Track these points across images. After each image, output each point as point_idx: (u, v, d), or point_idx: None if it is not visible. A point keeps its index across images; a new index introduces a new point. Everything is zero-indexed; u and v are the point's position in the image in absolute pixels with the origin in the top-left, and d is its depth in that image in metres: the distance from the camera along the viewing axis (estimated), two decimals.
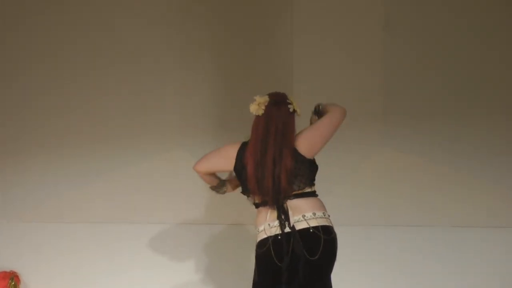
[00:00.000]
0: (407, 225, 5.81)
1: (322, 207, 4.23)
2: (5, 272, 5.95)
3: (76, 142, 5.99)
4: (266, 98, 4.25)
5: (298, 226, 4.13)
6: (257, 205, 4.24)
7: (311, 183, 4.24)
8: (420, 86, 5.83)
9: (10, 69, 6.06)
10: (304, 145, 4.21)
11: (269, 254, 4.12)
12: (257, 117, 4.24)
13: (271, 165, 4.14)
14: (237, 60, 5.93)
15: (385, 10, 5.83)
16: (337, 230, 4.21)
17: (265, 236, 4.15)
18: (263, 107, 4.22)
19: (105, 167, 5.97)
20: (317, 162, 4.31)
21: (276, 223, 4.14)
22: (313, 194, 4.24)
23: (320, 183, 4.30)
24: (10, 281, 5.92)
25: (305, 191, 4.21)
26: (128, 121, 5.98)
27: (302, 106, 4.31)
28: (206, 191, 5.73)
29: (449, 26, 5.81)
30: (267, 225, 4.16)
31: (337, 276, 4.26)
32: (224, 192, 4.52)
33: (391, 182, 5.81)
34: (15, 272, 5.97)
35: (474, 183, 5.77)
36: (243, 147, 4.26)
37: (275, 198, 4.14)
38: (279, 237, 4.11)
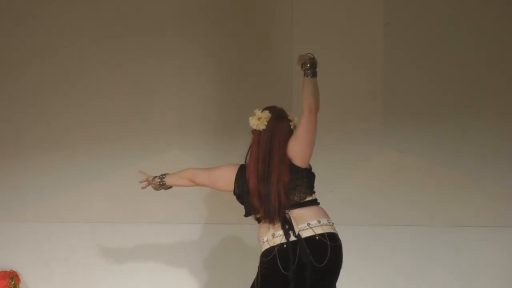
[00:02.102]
0: (407, 225, 5.81)
1: (326, 214, 4.20)
2: (5, 272, 5.95)
3: (75, 142, 6.00)
4: (268, 113, 4.20)
5: (304, 234, 4.09)
6: (259, 220, 4.20)
7: (311, 192, 4.20)
8: (420, 86, 5.83)
9: (10, 69, 6.06)
10: (296, 158, 4.16)
11: (275, 262, 4.08)
12: (258, 131, 4.19)
13: (276, 182, 4.12)
14: (237, 60, 5.93)
15: (385, 10, 5.83)
16: (337, 229, 4.20)
17: (268, 246, 4.12)
18: (265, 122, 4.17)
19: (104, 167, 5.97)
20: (318, 161, 4.30)
21: (281, 232, 4.10)
22: (314, 202, 4.20)
23: (320, 183, 4.29)
24: (10, 281, 5.92)
25: (306, 200, 4.17)
26: (128, 121, 5.98)
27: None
28: (206, 191, 5.76)
29: (449, 26, 5.82)
30: (271, 235, 4.13)
31: None
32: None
33: (391, 182, 5.81)
34: (14, 272, 5.97)
35: (474, 183, 5.78)
36: (242, 169, 4.23)
37: (279, 213, 4.12)
38: (285, 246, 4.08)
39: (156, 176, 4.56)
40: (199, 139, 5.92)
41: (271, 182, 4.11)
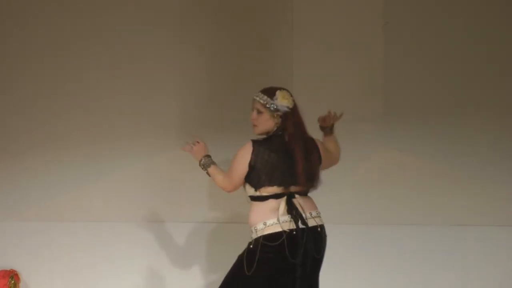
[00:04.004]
0: (407, 225, 5.81)
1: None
2: (5, 271, 5.95)
3: (76, 141, 6.00)
4: (284, 91, 4.27)
5: (309, 224, 4.16)
6: (265, 198, 4.19)
7: None
8: (420, 85, 5.83)
9: (10, 70, 6.06)
10: (325, 157, 4.36)
11: (283, 249, 4.08)
12: (289, 109, 4.23)
13: (317, 159, 4.27)
14: (237, 61, 5.93)
15: (385, 9, 5.83)
16: (337, 228, 4.24)
17: (277, 230, 4.09)
18: (292, 99, 4.25)
19: (105, 167, 5.98)
20: None
21: (286, 217, 4.12)
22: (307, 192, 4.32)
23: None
24: (10, 280, 5.92)
25: (307, 191, 4.29)
26: (128, 121, 5.98)
27: (302, 107, 4.33)
28: (205, 190, 5.76)
29: (449, 26, 5.82)
30: (276, 220, 4.12)
31: (336, 274, 4.27)
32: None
33: (391, 182, 5.81)
34: (14, 271, 5.97)
35: (474, 182, 5.78)
36: (259, 142, 4.22)
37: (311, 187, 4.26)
38: (294, 233, 4.10)
39: (207, 156, 4.54)
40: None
41: (312, 157, 4.25)
